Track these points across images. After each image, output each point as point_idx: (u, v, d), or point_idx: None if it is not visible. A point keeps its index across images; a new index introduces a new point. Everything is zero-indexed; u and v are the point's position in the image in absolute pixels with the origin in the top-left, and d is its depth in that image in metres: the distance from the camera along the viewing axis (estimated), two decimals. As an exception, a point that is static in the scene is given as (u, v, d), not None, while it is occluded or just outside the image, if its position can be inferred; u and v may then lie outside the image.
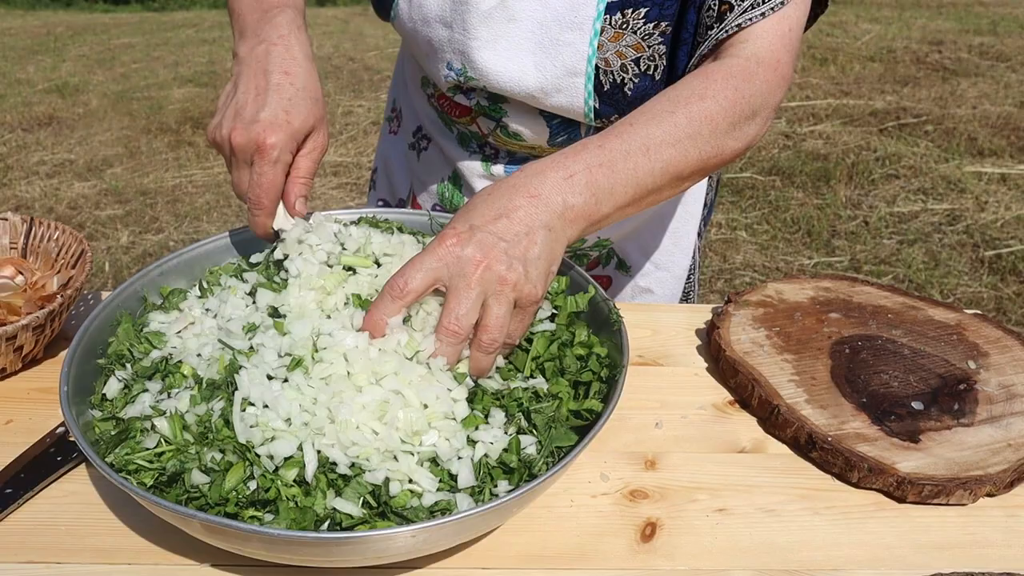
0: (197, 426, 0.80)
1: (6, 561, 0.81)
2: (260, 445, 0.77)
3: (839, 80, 6.42)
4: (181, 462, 0.77)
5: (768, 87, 1.05)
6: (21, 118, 5.96)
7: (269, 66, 0.98)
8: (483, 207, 0.88)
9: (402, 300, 0.84)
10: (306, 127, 0.98)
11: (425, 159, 1.48)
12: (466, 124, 1.35)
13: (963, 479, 0.90)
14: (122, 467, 0.78)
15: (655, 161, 0.96)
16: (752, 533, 0.87)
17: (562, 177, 0.90)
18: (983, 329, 1.16)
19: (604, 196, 0.92)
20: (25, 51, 7.95)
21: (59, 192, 4.77)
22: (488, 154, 1.37)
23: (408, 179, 1.54)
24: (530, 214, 0.87)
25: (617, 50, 1.16)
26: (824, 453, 0.95)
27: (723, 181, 4.74)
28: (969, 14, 8.52)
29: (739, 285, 3.73)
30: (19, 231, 1.24)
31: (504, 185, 0.90)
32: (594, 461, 0.96)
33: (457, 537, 0.78)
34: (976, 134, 5.26)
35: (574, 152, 0.94)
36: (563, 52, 1.18)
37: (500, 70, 1.20)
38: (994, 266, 3.83)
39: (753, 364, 1.07)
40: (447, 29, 1.22)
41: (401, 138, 1.54)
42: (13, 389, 1.06)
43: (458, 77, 1.25)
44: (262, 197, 0.97)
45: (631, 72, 1.17)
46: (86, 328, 0.92)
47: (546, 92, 1.21)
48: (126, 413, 0.84)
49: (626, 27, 1.15)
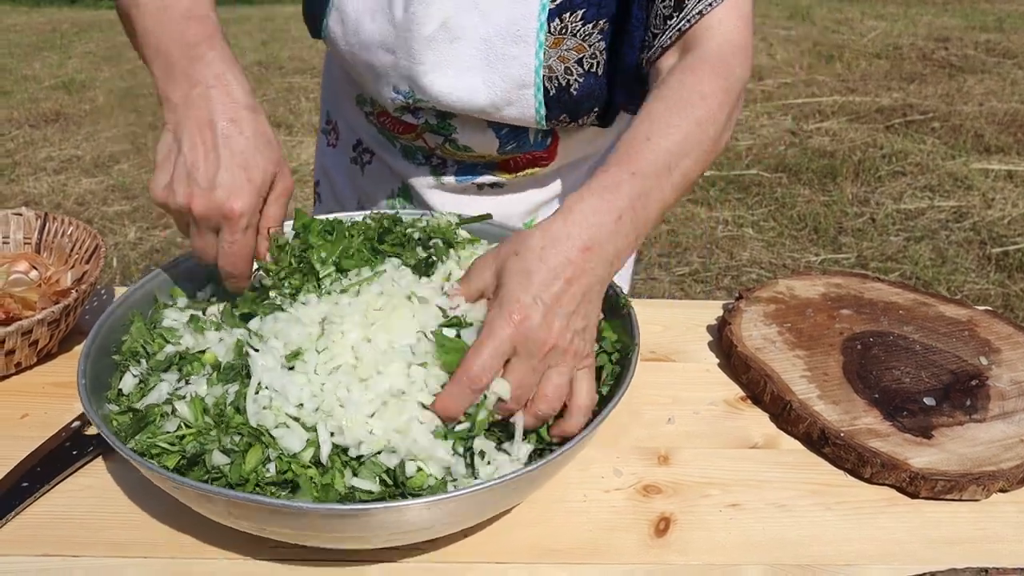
0: (214, 408, 0.80)
1: (23, 554, 0.82)
2: (274, 428, 0.77)
3: (845, 77, 6.41)
4: (201, 444, 0.77)
5: (742, 70, 1.05)
6: (28, 114, 5.97)
7: (212, 115, 0.89)
8: (537, 269, 0.82)
9: (479, 391, 0.79)
10: (268, 179, 0.91)
11: (370, 173, 1.45)
12: (411, 140, 1.33)
13: (976, 475, 0.90)
14: (144, 451, 0.78)
15: (676, 177, 0.93)
16: (764, 528, 0.88)
17: (613, 220, 0.85)
18: (995, 325, 1.16)
19: (643, 228, 0.90)
20: (31, 48, 7.96)
21: (67, 188, 4.78)
22: (436, 164, 1.36)
23: (355, 193, 1.50)
24: (587, 273, 0.83)
25: (559, 55, 1.16)
26: (836, 449, 0.95)
27: (730, 178, 4.73)
28: (975, 11, 8.50)
29: (746, 282, 3.73)
30: (33, 226, 1.25)
31: (556, 237, 0.84)
32: (607, 456, 0.97)
33: (478, 510, 0.79)
34: (983, 131, 5.25)
35: (614, 185, 0.88)
36: (510, 66, 1.17)
37: (449, 91, 1.19)
38: (1001, 263, 3.82)
39: (765, 360, 1.08)
40: (390, 55, 1.20)
41: (341, 151, 1.50)
42: (28, 383, 1.07)
43: (406, 99, 1.23)
44: (238, 265, 0.92)
45: (575, 73, 1.17)
46: (102, 323, 0.92)
47: (497, 107, 1.20)
48: (144, 403, 0.84)
49: (565, 31, 1.14)
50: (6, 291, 1.10)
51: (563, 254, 0.83)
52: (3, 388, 1.06)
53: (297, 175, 4.92)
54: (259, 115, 0.92)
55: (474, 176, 1.34)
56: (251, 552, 0.82)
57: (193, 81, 0.90)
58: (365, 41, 1.22)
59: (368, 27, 1.21)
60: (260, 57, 7.46)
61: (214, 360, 0.87)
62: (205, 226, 0.89)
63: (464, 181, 1.34)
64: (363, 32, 1.21)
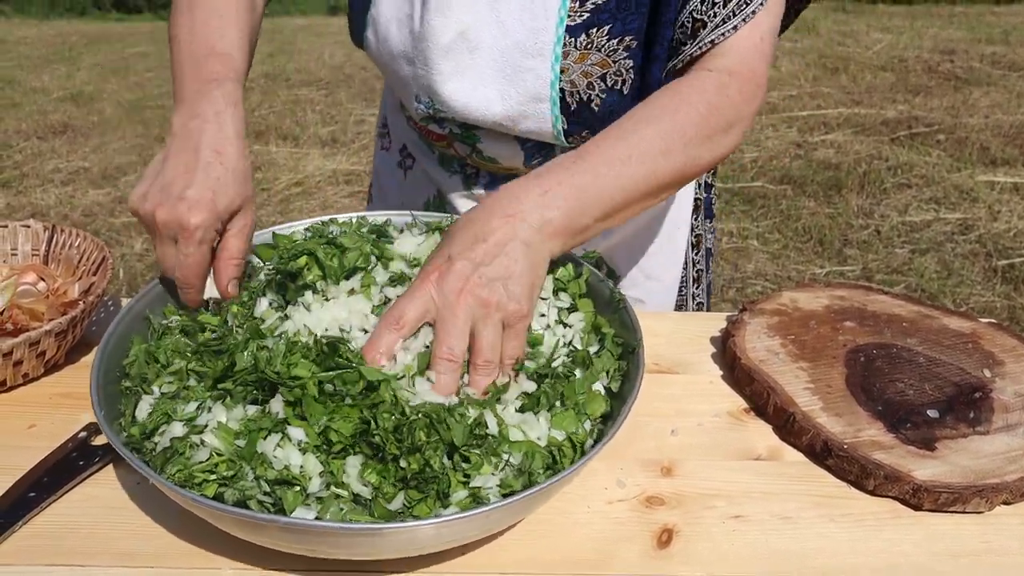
0: (244, 431, 0.80)
1: (29, 564, 0.82)
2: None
3: (850, 89, 6.42)
4: (236, 473, 0.78)
5: (743, 98, 1.07)
6: (36, 126, 6.01)
7: (201, 143, 0.97)
8: (460, 235, 0.90)
9: (399, 331, 0.86)
10: (232, 207, 0.97)
11: (411, 178, 1.49)
12: (444, 147, 1.36)
13: (979, 487, 0.90)
14: (184, 482, 0.78)
15: (637, 172, 0.98)
16: (768, 540, 0.88)
17: (538, 194, 0.93)
18: (998, 338, 1.16)
19: (580, 210, 0.95)
20: (40, 60, 8.02)
21: (74, 200, 4.80)
22: (469, 174, 1.38)
23: (399, 197, 1.55)
24: (507, 234, 0.90)
25: (583, 70, 1.17)
26: (840, 460, 0.95)
27: (735, 190, 4.74)
28: (981, 23, 8.51)
29: (751, 294, 3.73)
30: (41, 238, 1.26)
31: (481, 209, 0.93)
32: (610, 468, 0.97)
33: (490, 526, 0.80)
34: (988, 143, 5.25)
35: (548, 170, 0.96)
36: (526, 79, 1.18)
37: (465, 102, 1.21)
38: (1007, 275, 3.81)
39: (768, 372, 1.08)
40: (411, 65, 1.23)
41: (391, 155, 1.55)
42: (36, 394, 1.07)
43: (428, 109, 1.26)
44: (190, 277, 0.96)
45: (598, 89, 1.18)
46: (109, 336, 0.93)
47: (513, 120, 1.21)
48: (167, 438, 0.83)
49: (591, 47, 1.15)
50: (14, 302, 1.11)
51: (483, 219, 0.91)
52: (10, 399, 1.06)
53: (302, 187, 4.94)
54: (243, 153, 1.00)
55: None
56: (258, 562, 0.82)
57: (194, 113, 0.99)
58: (391, 51, 1.25)
59: (394, 37, 1.24)
60: (267, 69, 7.50)
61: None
62: (166, 234, 0.94)
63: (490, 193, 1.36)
64: (391, 42, 1.25)
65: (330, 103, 6.53)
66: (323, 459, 0.78)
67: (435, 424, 0.79)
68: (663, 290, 1.52)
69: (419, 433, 0.78)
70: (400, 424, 0.78)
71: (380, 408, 0.79)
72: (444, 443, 0.79)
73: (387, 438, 0.77)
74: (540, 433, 0.85)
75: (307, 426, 0.79)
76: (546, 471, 0.81)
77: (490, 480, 0.79)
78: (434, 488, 0.77)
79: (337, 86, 6.96)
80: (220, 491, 0.77)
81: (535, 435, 0.84)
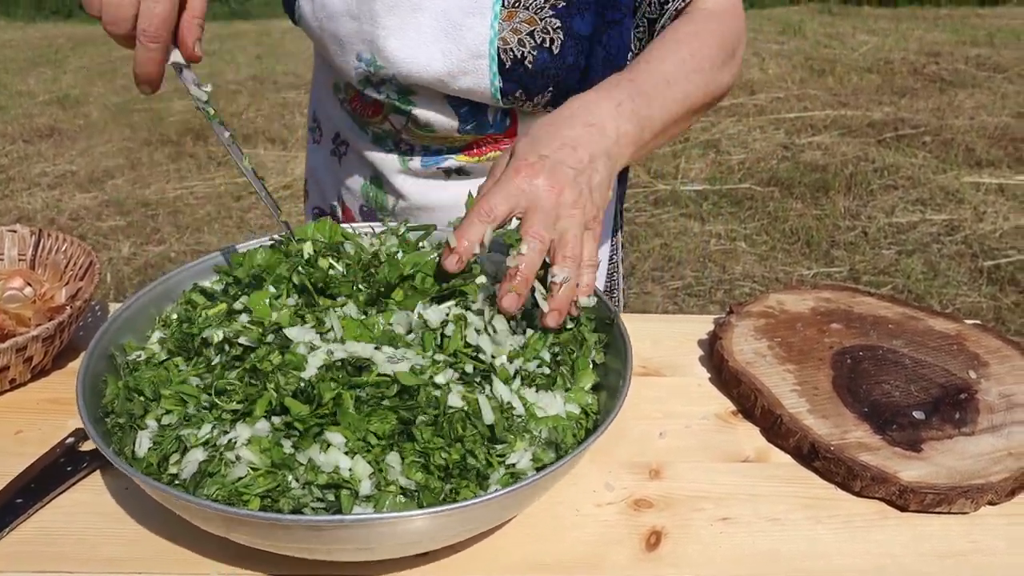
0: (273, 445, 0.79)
1: (18, 571, 0.82)
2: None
3: (837, 91, 6.45)
4: (278, 484, 0.77)
5: (738, 30, 1.20)
6: (22, 130, 5.97)
7: None
8: (548, 137, 0.94)
9: (490, 222, 0.88)
10: None
11: (346, 163, 1.51)
12: (379, 123, 1.39)
13: (965, 488, 0.91)
14: (229, 499, 0.76)
15: (676, 92, 1.07)
16: (756, 542, 0.88)
17: (613, 106, 0.99)
18: (983, 339, 1.17)
19: (646, 124, 1.01)
20: (26, 63, 7.98)
21: (61, 203, 4.78)
22: (403, 150, 1.41)
23: (335, 185, 1.57)
24: (592, 142, 0.94)
25: (512, 27, 1.22)
26: (827, 462, 0.96)
27: (722, 192, 4.76)
28: (966, 25, 8.57)
29: (739, 295, 3.74)
30: (28, 243, 1.25)
31: (560, 117, 0.97)
32: (598, 471, 0.97)
33: (483, 520, 0.80)
34: (974, 145, 5.28)
35: (613, 85, 1.02)
36: (466, 36, 1.23)
37: (407, 57, 1.24)
38: (993, 276, 3.84)
39: (755, 374, 1.08)
40: (355, 21, 1.27)
41: (323, 147, 1.57)
42: (23, 400, 1.07)
43: (368, 68, 1.28)
44: (160, 29, 0.89)
45: (528, 46, 1.22)
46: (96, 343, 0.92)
47: (453, 76, 1.25)
48: (185, 473, 0.80)
49: (518, 4, 1.21)
50: (1, 308, 1.10)
51: (567, 129, 0.95)
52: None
53: (291, 190, 4.93)
54: None
55: (439, 160, 1.37)
56: (247, 565, 0.82)
57: None
58: (331, 12, 1.28)
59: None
60: (255, 71, 7.48)
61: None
62: None
63: (430, 165, 1.38)
64: (329, 4, 1.28)
65: (318, 106, 6.51)
66: (370, 459, 0.78)
67: (470, 417, 0.81)
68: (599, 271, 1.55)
69: (457, 426, 0.79)
70: (438, 418, 0.80)
71: (416, 409, 0.80)
72: (482, 434, 0.81)
73: (431, 440, 0.79)
74: (558, 409, 0.88)
75: (346, 431, 0.79)
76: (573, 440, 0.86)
77: (524, 457, 0.82)
78: (475, 472, 0.79)
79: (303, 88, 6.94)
80: (266, 503, 0.76)
81: (554, 411, 0.88)
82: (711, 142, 5.49)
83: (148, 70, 0.91)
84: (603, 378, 0.95)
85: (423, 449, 0.78)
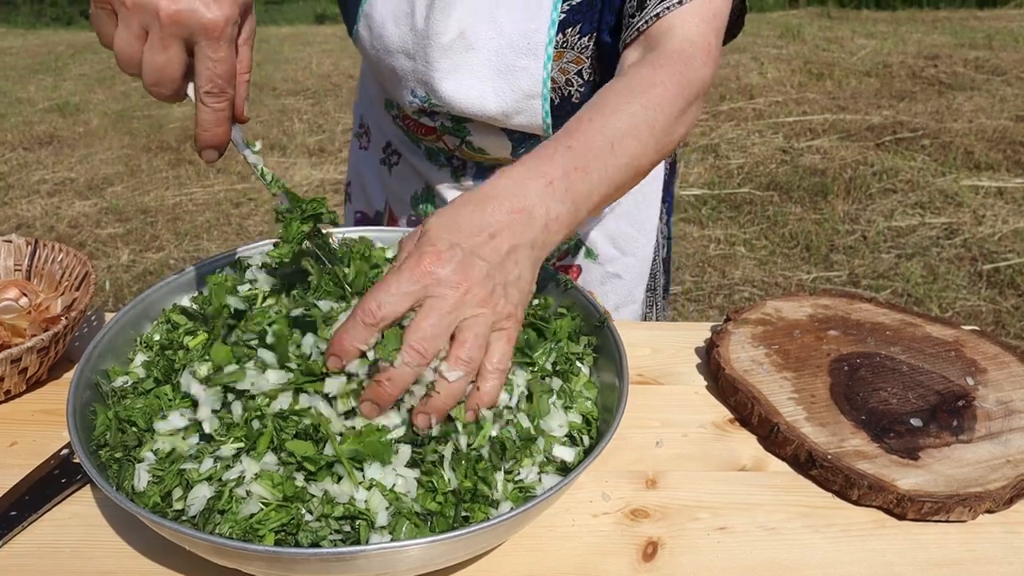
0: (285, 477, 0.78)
1: (11, 584, 0.82)
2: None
3: (836, 95, 6.45)
4: (292, 518, 0.76)
5: (705, 70, 1.06)
6: (22, 137, 5.98)
7: None
8: (465, 222, 0.81)
9: (375, 326, 0.76)
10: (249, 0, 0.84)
11: (397, 174, 1.52)
12: (432, 141, 1.40)
13: (962, 496, 0.90)
14: (244, 535, 0.75)
15: (620, 156, 0.93)
16: (753, 551, 0.88)
17: (543, 185, 0.86)
18: (981, 345, 1.17)
19: (582, 200, 0.89)
20: (26, 70, 7.98)
21: (60, 211, 4.78)
22: (456, 166, 1.42)
23: (383, 193, 1.57)
24: (515, 231, 0.82)
25: (560, 67, 1.23)
26: (824, 471, 0.96)
27: (721, 197, 4.75)
28: (964, 28, 8.57)
29: (738, 300, 3.74)
30: (23, 253, 1.25)
31: (484, 196, 0.84)
32: (595, 481, 0.97)
33: (461, 553, 0.79)
34: (973, 148, 5.28)
35: (547, 156, 0.89)
36: (519, 77, 1.23)
37: (462, 98, 1.25)
38: (992, 280, 3.84)
39: (753, 382, 1.08)
40: (410, 60, 1.27)
41: (372, 154, 1.57)
42: (17, 411, 1.07)
43: (422, 103, 1.30)
44: (227, 84, 0.81)
45: (576, 84, 1.24)
46: (89, 353, 0.92)
47: (507, 115, 1.26)
48: (196, 498, 0.79)
49: (566, 45, 1.22)
50: (-4, 319, 1.10)
51: (491, 214, 0.82)
52: (-7, 416, 1.06)
53: (291, 196, 4.92)
54: None
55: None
56: (240, 580, 0.82)
57: None
58: (388, 46, 1.29)
59: (391, 33, 1.28)
60: (254, 78, 7.43)
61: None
62: (173, 33, 0.77)
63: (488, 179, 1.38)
64: (386, 37, 1.29)
65: (317, 112, 6.52)
66: (383, 490, 0.77)
67: (495, 446, 0.81)
68: (638, 264, 1.56)
69: (473, 465, 0.79)
70: (459, 454, 0.80)
71: (428, 448, 0.80)
72: (496, 462, 0.81)
73: (441, 481, 0.79)
74: (562, 421, 0.89)
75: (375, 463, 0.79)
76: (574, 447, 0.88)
77: (532, 472, 0.83)
78: (484, 494, 0.79)
79: (324, 95, 6.95)
80: (279, 537, 0.74)
81: (557, 424, 0.88)
82: (710, 146, 5.50)
83: (217, 131, 0.84)
84: (599, 388, 0.95)
85: (439, 487, 0.78)
